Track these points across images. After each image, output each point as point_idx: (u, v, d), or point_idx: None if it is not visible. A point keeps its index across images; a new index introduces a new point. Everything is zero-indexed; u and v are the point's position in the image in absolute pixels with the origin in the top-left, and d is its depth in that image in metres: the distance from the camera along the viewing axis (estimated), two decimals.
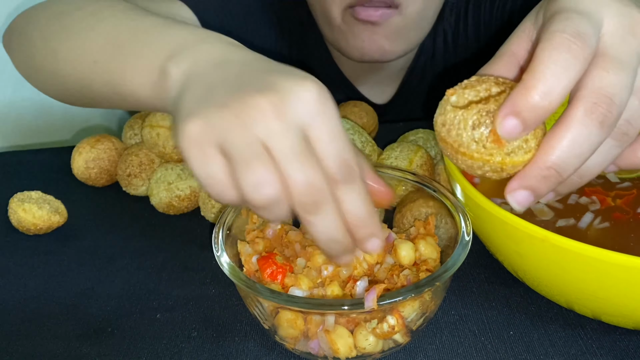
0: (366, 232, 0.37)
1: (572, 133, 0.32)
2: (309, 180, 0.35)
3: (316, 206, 0.36)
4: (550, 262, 0.41)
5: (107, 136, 0.66)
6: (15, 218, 0.58)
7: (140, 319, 0.49)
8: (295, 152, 0.35)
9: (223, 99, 0.36)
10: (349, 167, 0.36)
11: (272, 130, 0.35)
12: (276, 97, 0.35)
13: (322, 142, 0.36)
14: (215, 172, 0.36)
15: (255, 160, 0.35)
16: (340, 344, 0.40)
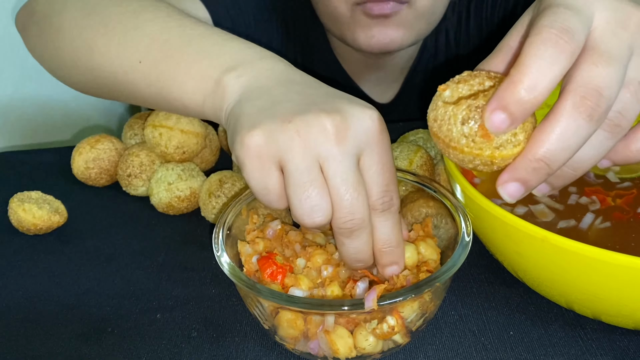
0: (391, 259, 0.42)
1: (561, 126, 0.32)
2: (353, 210, 0.38)
3: (352, 232, 0.39)
4: (550, 262, 0.41)
5: (107, 136, 0.66)
6: (15, 218, 0.58)
7: (140, 319, 0.49)
8: (348, 180, 0.38)
9: (287, 114, 0.38)
10: (391, 198, 0.40)
11: (332, 153, 0.37)
12: (339, 120, 0.38)
13: (373, 172, 0.39)
14: (272, 186, 0.39)
15: (312, 186, 0.38)
16: (340, 344, 0.40)
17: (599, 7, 0.34)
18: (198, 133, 0.61)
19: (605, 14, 0.34)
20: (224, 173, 0.58)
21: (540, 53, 0.32)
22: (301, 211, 0.38)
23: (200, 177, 0.61)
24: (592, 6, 0.34)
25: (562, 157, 0.33)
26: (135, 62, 0.52)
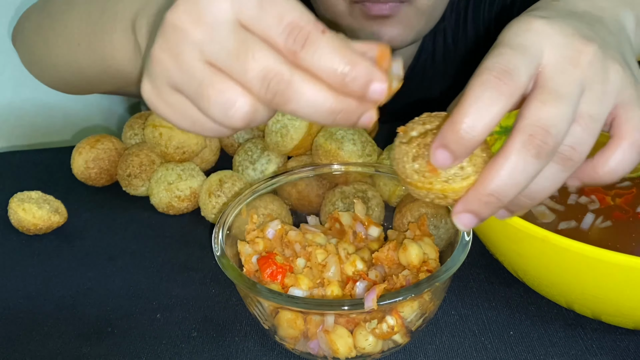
0: (358, 82, 0.31)
1: (510, 163, 0.33)
2: (261, 70, 0.31)
3: (285, 91, 0.31)
4: (550, 262, 0.41)
5: (107, 136, 0.66)
6: (15, 218, 0.58)
7: (140, 318, 0.49)
8: (231, 51, 0.31)
9: (155, 41, 0.34)
10: (298, 27, 0.31)
11: (199, 42, 0.32)
12: (186, 6, 0.32)
13: (256, 19, 0.31)
14: (182, 112, 0.34)
15: (206, 86, 0.32)
16: (339, 344, 0.40)
17: (548, 45, 0.34)
18: None
19: (555, 52, 0.34)
20: (224, 173, 0.58)
21: (479, 94, 0.32)
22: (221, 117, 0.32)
23: (200, 177, 0.61)
24: (540, 44, 0.34)
25: (511, 192, 0.33)
26: (75, 47, 0.51)
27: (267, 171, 0.61)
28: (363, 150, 0.55)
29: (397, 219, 0.52)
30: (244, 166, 0.61)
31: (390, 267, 0.45)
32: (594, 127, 0.34)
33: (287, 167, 0.60)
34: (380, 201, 0.54)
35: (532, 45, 0.34)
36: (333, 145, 0.55)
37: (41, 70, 0.61)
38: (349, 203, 0.53)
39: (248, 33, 0.31)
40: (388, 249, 0.45)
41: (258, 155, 0.61)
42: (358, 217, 0.50)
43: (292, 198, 0.54)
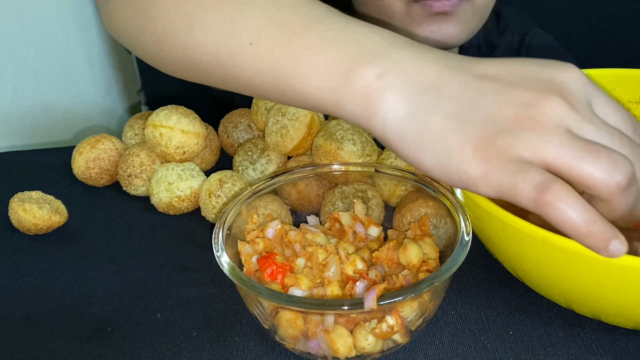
0: None
1: None
2: (636, 153, 0.35)
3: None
4: (550, 262, 0.41)
5: (108, 136, 0.66)
6: (15, 218, 0.58)
7: (140, 318, 0.49)
8: (609, 132, 0.35)
9: (501, 111, 0.35)
10: (637, 126, 0.37)
11: (579, 122, 0.34)
12: (559, 91, 0.35)
13: (612, 114, 0.36)
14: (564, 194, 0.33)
15: (592, 151, 0.33)
16: (339, 343, 0.40)
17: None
18: (198, 133, 0.61)
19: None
20: (224, 173, 0.58)
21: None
22: (604, 174, 0.33)
23: (201, 177, 0.61)
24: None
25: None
26: (244, 44, 0.45)
27: (267, 171, 0.61)
28: (363, 150, 0.55)
29: (396, 219, 0.52)
30: (244, 166, 0.61)
31: (390, 267, 0.46)
32: None
33: (287, 167, 0.60)
34: (380, 201, 0.54)
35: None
36: (333, 145, 0.55)
37: (153, 42, 0.53)
38: (349, 203, 0.53)
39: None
40: (388, 248, 0.46)
41: (258, 155, 0.61)
42: (358, 217, 0.50)
43: (292, 198, 0.54)
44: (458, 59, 0.38)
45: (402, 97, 0.37)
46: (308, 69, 0.41)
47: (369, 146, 0.56)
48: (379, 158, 0.58)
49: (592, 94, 0.36)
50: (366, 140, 0.56)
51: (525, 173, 0.33)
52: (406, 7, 0.66)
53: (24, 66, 0.96)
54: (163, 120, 0.60)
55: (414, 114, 0.37)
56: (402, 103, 0.37)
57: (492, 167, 0.34)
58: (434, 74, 0.37)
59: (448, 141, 0.35)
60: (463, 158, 0.35)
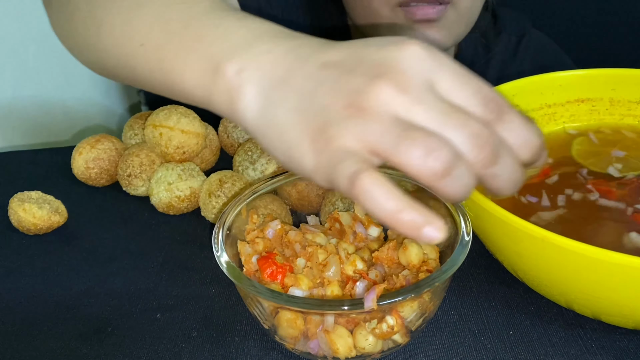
0: (539, 151, 0.35)
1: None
2: (475, 132, 0.33)
3: (494, 156, 0.33)
4: (550, 262, 0.41)
5: (107, 136, 0.66)
6: (15, 218, 0.58)
7: (140, 318, 0.49)
8: (442, 112, 0.33)
9: (333, 101, 0.34)
10: (493, 100, 0.34)
11: (407, 105, 0.33)
12: (387, 73, 0.33)
13: (457, 90, 0.34)
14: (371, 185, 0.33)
15: (408, 137, 0.32)
16: (339, 344, 0.40)
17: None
18: (198, 133, 0.61)
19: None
20: (224, 173, 0.58)
21: None
22: (418, 162, 0.32)
23: (200, 177, 0.61)
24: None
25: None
26: (137, 45, 0.47)
27: (267, 171, 0.61)
28: None
29: None
30: (244, 166, 0.61)
31: (390, 267, 0.46)
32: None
33: None
34: None
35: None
36: None
37: (80, 46, 0.56)
38: (349, 203, 0.53)
39: (447, 100, 0.34)
40: (388, 248, 0.46)
41: (258, 155, 0.61)
42: (358, 217, 0.50)
43: (292, 198, 0.54)
44: (312, 47, 0.38)
45: (256, 92, 0.38)
46: (184, 67, 0.42)
47: None
48: None
49: (433, 70, 0.34)
50: None
51: (342, 163, 0.33)
52: (392, 12, 0.66)
53: (24, 66, 0.96)
54: (163, 120, 0.60)
55: (264, 109, 0.37)
56: (256, 98, 0.38)
57: (321, 158, 0.34)
58: (284, 66, 0.37)
59: (289, 135, 0.36)
60: (301, 151, 0.35)
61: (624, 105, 0.60)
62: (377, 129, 0.33)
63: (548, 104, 0.60)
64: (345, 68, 0.35)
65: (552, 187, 0.53)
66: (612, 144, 0.58)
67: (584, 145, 0.58)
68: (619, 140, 0.59)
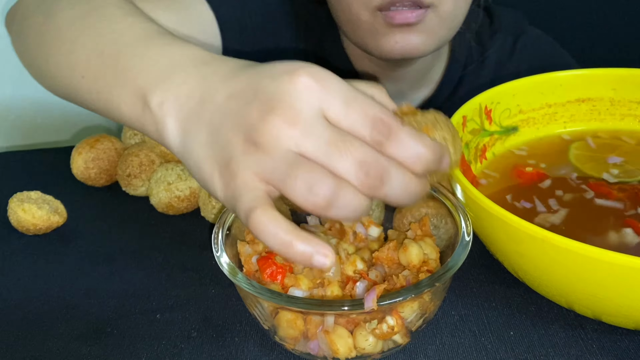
0: (436, 162, 0.37)
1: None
2: (359, 158, 0.34)
3: (381, 178, 0.35)
4: (551, 262, 0.41)
5: (107, 136, 0.66)
6: (14, 218, 0.58)
7: (140, 319, 0.49)
8: (329, 142, 0.35)
9: (234, 136, 0.36)
10: (381, 120, 0.36)
11: (295, 138, 0.35)
12: (278, 108, 0.35)
13: (343, 116, 0.35)
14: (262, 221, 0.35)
15: (291, 174, 0.34)
16: (339, 344, 0.40)
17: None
18: None
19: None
20: None
21: None
22: (303, 195, 0.34)
23: None
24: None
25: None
26: (79, 78, 0.50)
27: None
28: None
29: (397, 219, 0.52)
30: None
31: (390, 267, 0.45)
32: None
33: None
34: (380, 201, 0.54)
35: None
36: None
37: (35, 72, 0.59)
38: None
39: (336, 128, 0.35)
40: (388, 248, 0.45)
41: None
42: None
43: None
44: (221, 76, 0.40)
45: (176, 124, 0.40)
46: (119, 100, 0.45)
47: None
48: None
49: (322, 99, 0.36)
50: None
51: (241, 198, 0.36)
52: (372, 17, 0.66)
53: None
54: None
55: (184, 140, 0.40)
56: (177, 130, 0.40)
57: (227, 192, 0.37)
58: (196, 97, 0.39)
59: (203, 167, 0.38)
60: (213, 182, 0.38)
61: (625, 105, 0.60)
62: (269, 163, 0.35)
63: (548, 104, 0.60)
64: (245, 100, 0.37)
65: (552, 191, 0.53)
66: (610, 150, 0.58)
67: (581, 149, 0.58)
68: (618, 146, 0.59)
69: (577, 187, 0.53)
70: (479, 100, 0.56)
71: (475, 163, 0.56)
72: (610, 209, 0.50)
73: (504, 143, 0.59)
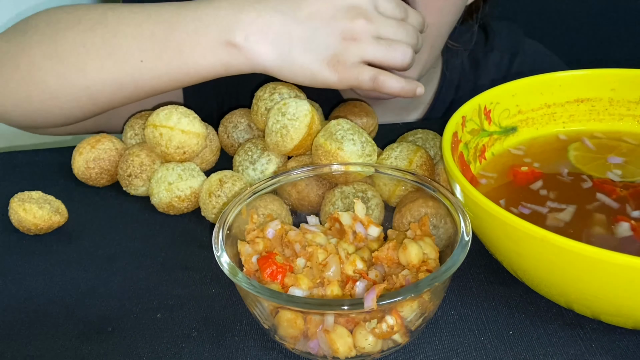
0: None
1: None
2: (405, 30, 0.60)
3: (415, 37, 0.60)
4: (550, 262, 0.41)
5: (108, 136, 0.66)
6: (15, 218, 0.58)
7: (141, 318, 0.49)
8: (391, 25, 0.59)
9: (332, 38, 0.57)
10: (403, 6, 0.61)
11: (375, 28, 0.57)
12: (359, 14, 0.57)
13: (390, 10, 0.59)
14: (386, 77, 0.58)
15: (389, 46, 0.57)
16: (339, 343, 0.40)
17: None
18: (198, 133, 0.61)
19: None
20: (224, 173, 0.58)
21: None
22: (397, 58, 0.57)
23: (201, 177, 0.61)
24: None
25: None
26: (137, 63, 0.59)
27: (267, 171, 0.61)
28: (363, 150, 0.55)
29: (396, 219, 0.52)
30: (244, 166, 0.61)
31: (390, 267, 0.46)
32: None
33: (287, 167, 0.60)
34: (380, 201, 0.54)
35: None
36: (333, 145, 0.55)
37: (44, 98, 0.63)
38: (348, 203, 0.53)
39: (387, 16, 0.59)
40: (388, 248, 0.46)
41: (258, 155, 0.61)
42: (358, 217, 0.50)
43: (292, 198, 0.54)
44: (288, 4, 0.57)
45: (268, 48, 0.57)
46: (196, 57, 0.58)
47: (369, 146, 0.56)
48: (379, 158, 0.58)
49: (375, 1, 0.58)
50: (366, 140, 0.56)
51: (361, 72, 0.57)
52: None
53: None
54: (163, 120, 0.60)
55: (281, 56, 0.57)
56: (270, 52, 0.57)
57: (341, 74, 0.57)
58: (277, 24, 0.57)
59: (311, 68, 0.57)
60: (324, 75, 0.57)
61: (624, 106, 0.60)
62: (369, 47, 0.57)
63: (547, 104, 0.60)
64: (327, 15, 0.56)
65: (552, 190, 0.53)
66: (609, 150, 0.58)
67: (580, 150, 0.58)
68: (616, 146, 0.59)
69: (578, 185, 0.53)
70: (479, 100, 0.57)
71: (475, 163, 0.56)
72: (612, 207, 0.50)
73: (503, 143, 0.59)
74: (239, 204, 0.49)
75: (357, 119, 0.67)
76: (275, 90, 0.63)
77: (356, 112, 0.68)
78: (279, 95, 0.62)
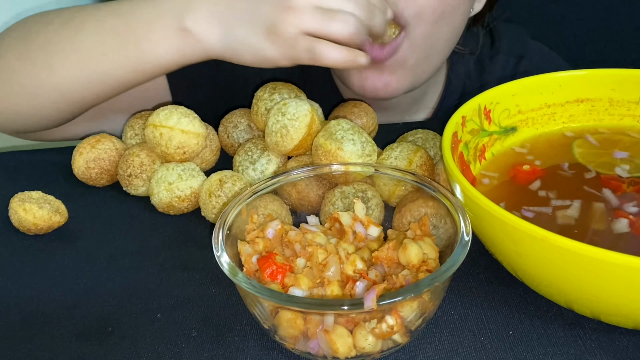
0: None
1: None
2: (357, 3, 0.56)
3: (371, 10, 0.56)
4: (550, 262, 0.41)
5: (108, 136, 0.66)
6: (15, 218, 0.58)
7: (141, 318, 0.49)
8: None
9: (271, 9, 0.55)
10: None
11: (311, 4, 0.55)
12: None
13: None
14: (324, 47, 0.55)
15: (329, 16, 0.54)
16: (339, 343, 0.40)
17: None
18: (198, 133, 0.61)
19: None
20: (224, 173, 0.58)
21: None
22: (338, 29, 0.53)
23: (201, 177, 0.61)
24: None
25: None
26: (100, 57, 0.60)
27: (267, 171, 0.61)
28: (363, 150, 0.55)
29: (396, 219, 0.52)
30: (244, 166, 0.61)
31: (390, 267, 0.46)
32: None
33: (287, 167, 0.60)
34: (380, 201, 0.54)
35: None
36: (333, 145, 0.55)
37: (21, 99, 0.64)
38: (348, 203, 0.53)
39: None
40: (388, 248, 0.46)
41: (258, 155, 0.61)
42: (358, 217, 0.50)
43: (292, 198, 0.54)
44: None
45: (217, 28, 0.57)
46: (152, 46, 0.59)
47: (369, 146, 0.56)
48: (379, 158, 0.58)
49: None
50: (366, 140, 0.56)
51: (298, 44, 0.54)
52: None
53: None
54: (163, 120, 0.60)
55: (225, 34, 0.57)
56: (218, 31, 0.57)
57: (281, 47, 0.55)
58: (224, 2, 0.57)
59: (251, 42, 0.56)
60: (264, 48, 0.55)
61: (624, 106, 0.60)
62: (308, 17, 0.53)
63: (547, 104, 0.60)
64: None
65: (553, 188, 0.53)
66: (612, 145, 0.58)
67: (584, 147, 0.58)
68: (619, 140, 0.59)
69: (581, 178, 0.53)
70: (479, 100, 0.57)
71: (475, 163, 0.56)
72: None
73: (503, 143, 0.59)
74: (239, 204, 0.49)
75: (357, 119, 0.67)
76: (275, 91, 0.63)
77: (356, 112, 0.68)
78: (279, 95, 0.62)
